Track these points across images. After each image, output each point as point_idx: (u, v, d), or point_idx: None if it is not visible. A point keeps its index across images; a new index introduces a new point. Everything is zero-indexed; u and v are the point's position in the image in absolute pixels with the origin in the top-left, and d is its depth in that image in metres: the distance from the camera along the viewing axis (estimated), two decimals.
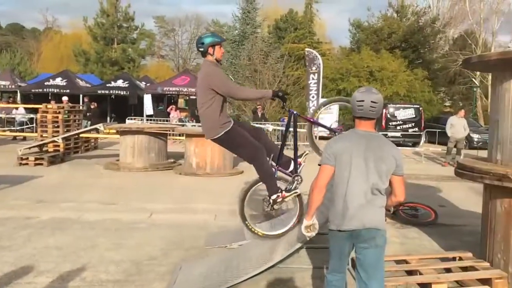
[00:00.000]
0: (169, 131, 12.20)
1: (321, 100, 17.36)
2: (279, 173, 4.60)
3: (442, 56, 28.83)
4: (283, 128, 17.08)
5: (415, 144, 18.40)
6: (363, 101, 2.85)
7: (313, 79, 17.55)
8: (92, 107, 19.48)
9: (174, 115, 19.66)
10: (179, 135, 14.38)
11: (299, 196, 4.62)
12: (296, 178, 4.50)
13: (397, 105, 20.01)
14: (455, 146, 13.11)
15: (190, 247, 5.14)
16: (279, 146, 4.72)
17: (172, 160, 11.54)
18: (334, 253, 3.02)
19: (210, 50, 4.39)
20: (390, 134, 18.22)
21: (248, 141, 4.39)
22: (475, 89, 26.52)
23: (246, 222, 4.70)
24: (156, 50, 48.04)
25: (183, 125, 16.31)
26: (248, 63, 25.21)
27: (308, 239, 4.09)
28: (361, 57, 25.25)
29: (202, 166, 10.26)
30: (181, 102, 30.39)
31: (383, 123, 19.12)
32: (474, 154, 13.53)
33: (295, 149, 4.60)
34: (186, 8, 74.97)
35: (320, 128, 5.24)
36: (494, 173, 3.93)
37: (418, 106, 20.29)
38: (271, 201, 4.46)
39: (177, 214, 6.65)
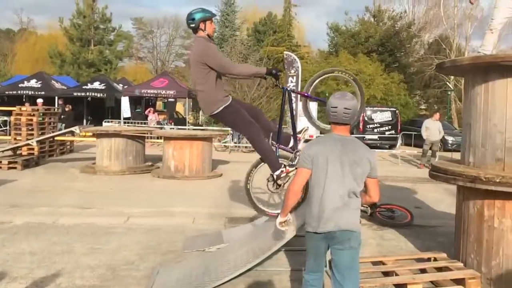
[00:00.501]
0: (147, 133, 12.08)
1: (301, 103, 17.42)
2: (280, 152, 4.60)
3: (418, 60, 29.40)
4: None
5: (391, 147, 18.70)
6: (336, 107, 2.91)
7: (291, 82, 17.53)
8: (66, 109, 19.13)
9: (152, 117, 19.49)
10: (157, 138, 14.25)
11: None
12: (297, 153, 4.47)
13: (374, 108, 20.31)
14: (430, 149, 13.37)
15: (168, 251, 5.09)
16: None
17: (150, 163, 11.43)
18: (311, 253, 3.07)
19: (202, 25, 4.33)
20: (367, 136, 18.48)
21: (245, 119, 4.39)
22: (449, 93, 27.10)
23: (255, 203, 4.72)
24: (134, 52, 47.52)
25: (161, 128, 16.18)
26: None
27: (283, 236, 4.12)
28: (339, 60, 25.56)
29: (181, 169, 10.19)
30: (159, 104, 30.19)
31: (361, 126, 19.38)
32: (449, 156, 13.86)
33: (293, 125, 4.60)
34: (165, 10, 74.60)
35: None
36: (466, 175, 4.02)
37: (395, 109, 20.64)
38: (274, 176, 4.44)
39: (155, 218, 6.59)
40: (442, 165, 4.60)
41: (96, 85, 22.97)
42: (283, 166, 4.46)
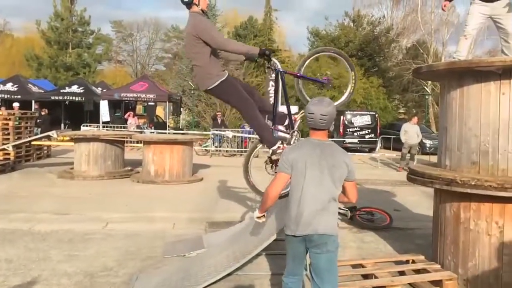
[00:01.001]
0: (126, 138, 11.94)
1: (281, 107, 17.50)
2: (278, 134, 4.57)
3: (396, 65, 29.87)
4: (244, 135, 17.25)
5: (371, 150, 18.89)
6: (313, 113, 2.98)
7: (272, 86, 17.68)
8: (42, 113, 18.76)
9: (132, 121, 19.28)
10: (137, 142, 14.10)
11: None
12: (294, 133, 4.49)
13: (354, 112, 20.54)
14: (409, 152, 13.57)
15: (147, 257, 5.03)
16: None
17: (129, 168, 11.30)
18: (290, 256, 3.12)
19: (196, 0, 4.29)
20: (348, 140, 18.67)
21: (242, 94, 4.35)
22: (427, 97, 27.60)
23: (254, 185, 4.70)
24: (113, 55, 46.98)
25: (141, 132, 16.02)
26: None
27: (263, 237, 4.11)
28: (319, 64, 25.77)
29: (161, 173, 10.10)
30: (139, 108, 29.89)
31: (341, 130, 19.57)
32: (427, 159, 14.08)
33: (288, 106, 4.59)
34: (145, 13, 73.87)
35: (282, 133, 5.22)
36: (443, 178, 4.09)
37: (374, 113, 20.91)
38: (270, 151, 4.42)
39: (134, 223, 6.51)
40: (420, 168, 4.67)
41: (74, 88, 22.60)
42: (280, 142, 4.45)
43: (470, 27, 5.05)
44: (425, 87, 28.01)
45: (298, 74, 4.77)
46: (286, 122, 4.59)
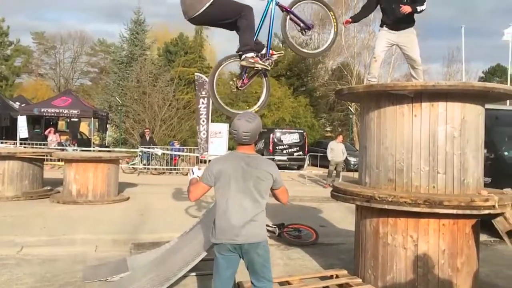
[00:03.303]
0: (46, 156, 11.26)
1: (212, 125, 17.55)
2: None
3: (323, 85, 31.14)
4: (173, 152, 16.96)
5: (299, 167, 19.42)
6: (237, 131, 3.10)
7: (203, 103, 17.59)
8: None
9: (53, 138, 18.24)
10: (58, 160, 13.37)
11: (266, 74, 4.75)
12: (268, 60, 4.56)
13: (283, 130, 21.04)
14: (335, 169, 14.10)
15: (66, 283, 4.72)
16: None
17: (49, 188, 10.63)
18: (218, 270, 3.13)
19: None
20: (277, 158, 19.02)
21: (237, 2, 4.28)
22: (351, 116, 28.97)
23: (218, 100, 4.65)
24: (34, 68, 44.48)
25: (62, 150, 15.22)
26: (136, 85, 24.59)
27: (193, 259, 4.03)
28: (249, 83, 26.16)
29: (83, 193, 9.61)
30: (61, 124, 28.38)
31: (271, 148, 19.92)
32: (351, 176, 14.71)
33: (269, 37, 4.61)
34: (70, 25, 70.87)
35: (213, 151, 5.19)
36: (363, 195, 4.29)
37: (302, 131, 21.56)
38: (243, 56, 4.35)
39: (52, 247, 6.10)
40: (342, 185, 4.86)
41: None
42: (255, 53, 4.42)
43: (378, 50, 5.44)
44: (349, 106, 29.38)
45: (288, 9, 4.75)
46: (263, 52, 4.60)
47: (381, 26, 5.49)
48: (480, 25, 63.20)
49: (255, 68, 4.51)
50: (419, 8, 5.16)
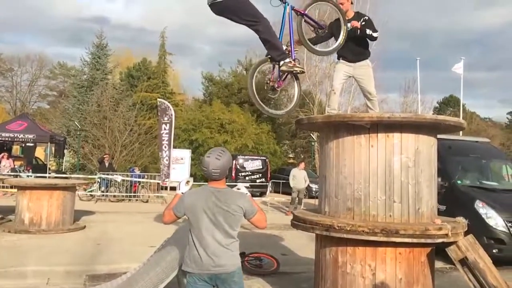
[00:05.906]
0: None
1: (174, 151, 17.36)
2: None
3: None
4: (133, 179, 16.59)
5: (262, 194, 19.40)
6: (206, 168, 3.19)
7: (165, 129, 17.46)
8: None
9: (6, 163, 17.51)
10: (11, 187, 12.79)
11: (297, 77, 4.83)
12: (295, 60, 4.57)
13: (246, 157, 21.08)
14: (297, 196, 14.17)
15: None
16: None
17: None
18: None
19: None
20: (239, 184, 18.94)
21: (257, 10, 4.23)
22: (313, 143, 29.43)
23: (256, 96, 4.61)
24: None
25: (16, 176, 14.60)
26: (97, 110, 24.09)
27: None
28: (213, 109, 26.27)
29: (37, 222, 9.20)
30: (16, 149, 27.27)
31: (233, 174, 19.86)
32: (313, 203, 14.84)
33: (291, 39, 4.59)
34: (28, 47, 68.85)
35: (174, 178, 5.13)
36: (322, 224, 4.32)
37: (265, 158, 21.67)
38: (281, 63, 4.38)
39: (0, 279, 5.77)
40: (302, 214, 4.89)
41: None
42: (290, 57, 4.48)
43: (336, 83, 5.59)
44: (311, 134, 29.91)
45: (303, 12, 4.76)
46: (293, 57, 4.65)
47: (338, 58, 5.66)
48: (434, 57, 66.46)
49: (293, 72, 4.62)
50: (368, 31, 5.28)
